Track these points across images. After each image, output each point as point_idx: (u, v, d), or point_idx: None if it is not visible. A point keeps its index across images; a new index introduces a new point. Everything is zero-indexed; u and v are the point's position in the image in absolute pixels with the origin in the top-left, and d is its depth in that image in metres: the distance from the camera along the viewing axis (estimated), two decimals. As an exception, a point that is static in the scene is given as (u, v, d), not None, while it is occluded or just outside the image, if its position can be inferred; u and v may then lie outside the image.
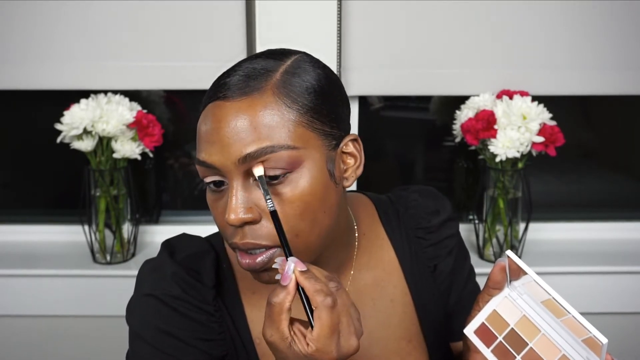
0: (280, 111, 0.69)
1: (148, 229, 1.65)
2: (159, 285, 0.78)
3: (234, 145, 0.68)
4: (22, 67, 1.50)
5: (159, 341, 0.77)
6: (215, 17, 1.48)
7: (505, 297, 0.70)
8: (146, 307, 0.78)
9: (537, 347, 0.66)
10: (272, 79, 0.70)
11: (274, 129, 0.68)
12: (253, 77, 0.70)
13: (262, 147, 0.67)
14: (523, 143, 1.42)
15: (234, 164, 0.68)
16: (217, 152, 0.68)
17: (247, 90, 0.69)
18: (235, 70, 0.72)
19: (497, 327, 0.69)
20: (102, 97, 1.46)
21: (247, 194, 0.69)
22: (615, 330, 1.58)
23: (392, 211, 0.90)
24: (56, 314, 1.53)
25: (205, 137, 0.70)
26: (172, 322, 0.77)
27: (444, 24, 1.51)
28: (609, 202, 1.79)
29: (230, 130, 0.68)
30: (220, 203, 0.71)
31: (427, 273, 0.88)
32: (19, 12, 1.48)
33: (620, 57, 1.53)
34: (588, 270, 1.53)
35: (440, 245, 0.90)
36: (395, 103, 1.69)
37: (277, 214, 0.67)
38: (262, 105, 0.68)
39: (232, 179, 0.69)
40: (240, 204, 0.68)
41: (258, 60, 0.72)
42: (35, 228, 1.67)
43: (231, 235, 0.70)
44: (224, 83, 0.71)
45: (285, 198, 0.69)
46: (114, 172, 1.49)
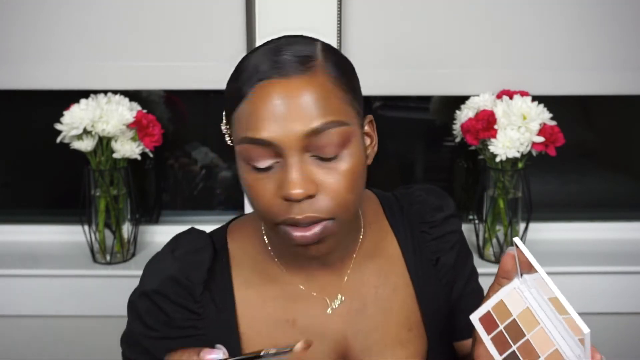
0: (334, 89, 0.72)
1: (148, 229, 1.65)
2: (152, 281, 0.83)
3: (300, 121, 0.70)
4: (22, 67, 1.50)
5: (142, 333, 0.83)
6: (215, 17, 1.48)
7: (514, 288, 0.71)
8: (138, 300, 0.84)
9: (533, 339, 0.68)
10: (319, 59, 0.73)
11: (332, 105, 0.71)
12: (302, 57, 0.72)
13: (326, 122, 0.70)
14: (523, 143, 1.42)
15: (297, 139, 0.70)
16: (280, 129, 0.70)
17: (303, 69, 0.71)
18: (279, 51, 0.73)
19: (500, 317, 0.71)
20: (102, 97, 1.46)
21: (305, 169, 0.71)
22: (615, 330, 1.58)
23: (396, 206, 0.92)
24: (56, 314, 1.53)
25: (264, 114, 0.70)
26: (153, 316, 0.82)
27: (444, 23, 1.51)
28: (609, 202, 1.78)
29: (296, 106, 0.70)
30: (267, 182, 0.72)
31: (429, 266, 0.90)
32: (19, 12, 1.48)
33: (620, 57, 1.53)
34: (588, 270, 1.53)
35: (442, 239, 0.91)
36: (395, 103, 1.70)
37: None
38: (319, 83, 0.71)
39: (291, 155, 0.70)
40: (302, 178, 0.70)
41: (290, 42, 0.75)
42: (35, 228, 1.67)
43: (285, 212, 0.72)
44: (275, 61, 0.72)
45: (339, 173, 0.72)
46: (114, 172, 1.49)
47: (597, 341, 1.72)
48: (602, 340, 1.62)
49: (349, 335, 0.85)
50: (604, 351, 1.73)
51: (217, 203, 1.76)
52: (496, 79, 1.53)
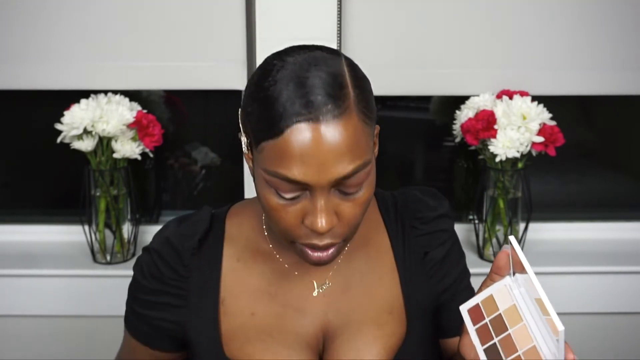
0: (362, 128, 0.74)
1: (148, 229, 1.65)
2: (155, 241, 0.92)
3: (333, 167, 0.72)
4: (22, 67, 1.50)
5: (138, 284, 0.92)
6: (215, 17, 1.48)
7: (504, 285, 0.75)
8: (143, 254, 0.93)
9: (514, 334, 0.72)
10: (350, 96, 0.73)
11: (362, 147, 0.74)
12: (334, 95, 0.72)
13: (356, 166, 0.73)
14: (523, 143, 1.42)
15: (328, 183, 0.73)
16: (314, 172, 0.72)
17: (336, 112, 0.72)
18: (312, 86, 0.72)
19: (488, 310, 0.75)
20: (102, 97, 1.46)
21: (330, 203, 0.75)
22: (615, 330, 1.58)
23: (391, 202, 0.96)
24: (56, 314, 1.53)
25: (299, 157, 0.71)
26: (150, 269, 0.90)
27: (444, 23, 1.51)
28: (609, 202, 1.78)
29: (329, 153, 0.71)
30: (290, 209, 0.76)
31: (417, 258, 0.93)
32: (19, 12, 1.48)
33: (620, 57, 1.53)
34: (588, 270, 1.53)
35: (433, 236, 0.94)
36: (395, 103, 1.70)
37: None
38: (352, 126, 0.73)
39: (320, 192, 0.74)
40: (329, 213, 0.75)
41: (318, 68, 0.74)
42: (35, 228, 1.66)
43: (306, 236, 0.77)
44: (310, 102, 0.71)
45: (358, 203, 0.77)
46: (114, 172, 1.49)
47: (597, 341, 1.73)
48: (602, 340, 1.63)
49: (329, 312, 0.89)
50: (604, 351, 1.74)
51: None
52: (496, 79, 1.53)
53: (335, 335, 0.88)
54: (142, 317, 0.92)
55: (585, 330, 1.56)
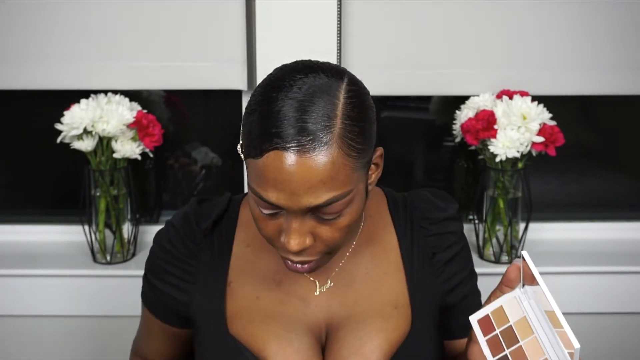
0: (345, 163, 0.74)
1: (148, 229, 1.65)
2: (176, 217, 0.96)
3: (306, 196, 0.74)
4: (22, 67, 1.50)
5: (154, 254, 0.96)
6: (215, 17, 1.48)
7: (514, 297, 0.76)
8: (161, 231, 0.97)
9: (526, 346, 0.72)
10: (336, 129, 0.73)
11: (339, 180, 0.74)
12: (317, 128, 0.72)
13: (330, 198, 0.74)
14: (523, 143, 1.42)
15: (301, 209, 0.75)
16: (286, 199, 0.74)
17: (317, 144, 0.72)
18: (300, 114, 0.72)
19: (498, 321, 0.75)
20: (102, 97, 1.46)
21: (305, 226, 0.77)
22: (615, 330, 1.58)
23: (401, 202, 0.97)
24: (56, 314, 1.53)
25: (273, 182, 0.74)
26: (166, 241, 0.94)
27: (444, 24, 1.51)
28: (609, 202, 1.78)
29: (303, 183, 0.73)
30: (270, 222, 0.79)
31: (425, 258, 0.94)
32: (19, 12, 1.48)
33: (620, 57, 1.53)
34: (588, 270, 1.53)
35: (441, 237, 0.95)
36: (395, 103, 1.70)
37: None
38: (330, 160, 0.73)
39: (294, 215, 0.76)
40: (301, 235, 0.77)
41: (314, 93, 0.74)
42: (35, 228, 1.67)
43: (282, 249, 0.80)
44: (294, 133, 0.72)
45: (337, 228, 0.78)
46: (114, 172, 1.49)
47: (597, 341, 1.73)
48: (603, 340, 1.63)
49: (333, 304, 0.90)
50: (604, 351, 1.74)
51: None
52: (496, 79, 1.53)
53: (339, 326, 0.89)
54: (152, 287, 0.95)
55: (586, 330, 1.56)
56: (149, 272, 0.97)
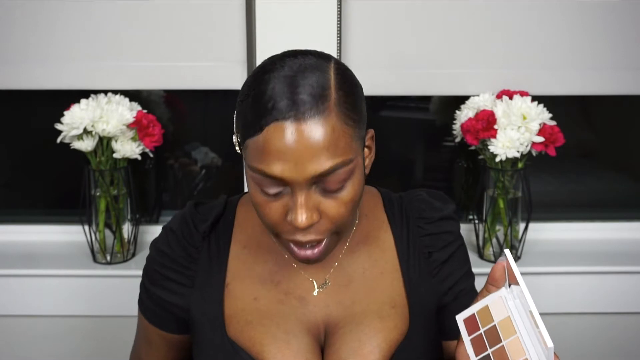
0: (343, 130, 0.76)
1: (148, 229, 1.65)
2: (173, 220, 0.96)
3: (310, 164, 0.74)
4: (22, 67, 1.51)
5: (152, 260, 0.95)
6: (215, 17, 1.48)
7: (500, 296, 0.76)
8: (159, 235, 0.97)
9: (508, 346, 0.73)
10: (332, 99, 0.76)
11: (341, 146, 0.76)
12: (316, 96, 0.75)
13: (334, 165, 0.75)
14: (523, 143, 1.42)
15: (306, 179, 0.75)
16: (291, 169, 0.75)
17: (315, 112, 0.74)
18: (297, 86, 0.75)
19: (483, 321, 0.76)
20: (102, 97, 1.46)
21: (311, 200, 0.77)
22: (615, 330, 1.58)
23: (397, 201, 0.97)
24: (56, 314, 1.53)
25: (277, 154, 0.74)
26: (165, 245, 0.94)
27: (444, 24, 1.51)
28: (609, 202, 1.78)
29: (306, 150, 0.74)
30: (273, 205, 0.78)
31: (421, 258, 0.94)
32: (19, 12, 1.48)
33: (620, 57, 1.53)
34: (588, 270, 1.53)
35: (437, 237, 0.95)
36: (395, 103, 1.69)
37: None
38: (330, 126, 0.75)
39: (299, 189, 0.76)
40: (308, 209, 0.77)
41: (304, 69, 0.77)
42: (35, 228, 1.67)
43: (290, 233, 0.79)
44: (293, 101, 0.74)
45: (341, 202, 0.78)
46: (114, 172, 1.49)
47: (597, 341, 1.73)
48: (602, 340, 1.63)
49: (330, 304, 0.90)
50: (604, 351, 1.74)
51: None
52: (496, 79, 1.53)
53: (338, 326, 0.89)
54: (151, 295, 0.95)
55: (586, 330, 1.56)
56: (147, 279, 0.96)
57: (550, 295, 1.53)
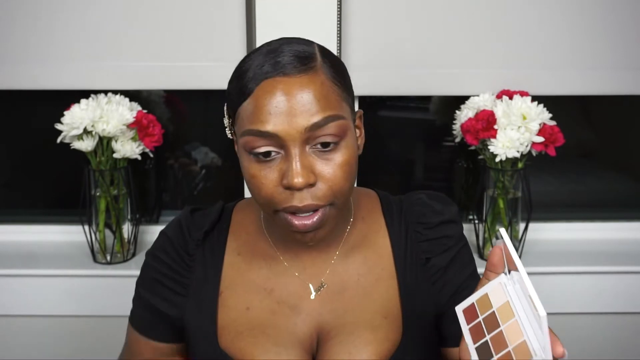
0: (331, 87, 0.79)
1: (148, 229, 1.65)
2: (169, 226, 0.96)
3: (301, 116, 0.76)
4: (22, 67, 1.50)
5: (148, 266, 0.95)
6: (215, 17, 1.48)
7: (499, 282, 0.74)
8: (156, 241, 0.96)
9: (506, 330, 0.71)
10: (317, 60, 0.80)
11: (330, 101, 0.79)
12: (303, 57, 0.79)
13: (325, 117, 0.77)
14: (523, 143, 1.42)
15: (299, 133, 0.76)
16: (284, 123, 0.76)
17: (304, 68, 0.78)
18: (281, 52, 0.79)
19: (482, 308, 0.74)
20: (102, 97, 1.46)
21: (306, 160, 0.78)
22: (615, 330, 1.58)
23: (396, 205, 0.96)
24: (56, 314, 1.53)
25: (269, 109, 0.76)
26: (161, 251, 0.94)
27: (444, 23, 1.51)
28: (609, 202, 1.78)
29: (297, 102, 0.76)
30: (269, 172, 0.79)
31: (418, 264, 0.92)
32: (19, 12, 1.48)
33: (620, 57, 1.53)
34: (588, 270, 1.53)
35: (436, 242, 0.93)
36: (395, 103, 1.70)
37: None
38: (319, 81, 0.78)
39: (293, 146, 0.77)
40: (304, 168, 0.77)
41: (289, 42, 0.81)
42: (35, 228, 1.67)
43: (286, 200, 0.78)
44: (278, 62, 0.78)
45: (336, 164, 0.79)
46: (114, 172, 1.49)
47: (597, 341, 1.73)
48: (602, 340, 1.63)
49: (323, 312, 0.89)
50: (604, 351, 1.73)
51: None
52: (496, 79, 1.53)
53: (329, 336, 0.88)
54: (145, 302, 0.94)
55: (585, 330, 1.56)
56: (142, 288, 0.95)
57: (550, 295, 1.53)
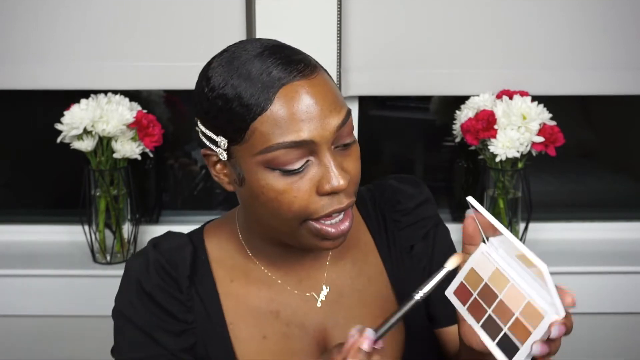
0: (334, 83, 0.77)
1: (148, 229, 1.65)
2: (142, 273, 0.84)
3: (332, 115, 0.73)
4: (23, 66, 1.50)
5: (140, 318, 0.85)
6: (215, 16, 1.48)
7: (481, 253, 0.70)
8: (130, 292, 0.86)
9: (505, 297, 0.67)
10: (310, 58, 0.77)
11: (341, 97, 0.77)
12: (303, 57, 0.76)
13: (347, 112, 0.75)
14: (523, 143, 1.42)
15: (332, 134, 0.73)
16: (318, 127, 0.72)
17: (313, 68, 0.75)
18: (280, 56, 0.74)
19: (473, 285, 0.70)
20: (102, 97, 1.46)
21: (337, 161, 0.74)
22: (615, 330, 1.58)
23: (368, 197, 0.93)
24: (56, 314, 1.53)
25: (299, 116, 0.71)
26: (148, 306, 0.83)
27: (444, 23, 1.51)
28: (609, 202, 1.78)
29: (325, 103, 0.73)
30: (300, 184, 0.73)
31: (404, 253, 0.91)
32: (20, 12, 1.48)
33: (620, 57, 1.53)
34: (588, 270, 1.53)
35: (415, 226, 0.91)
36: (395, 103, 1.70)
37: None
38: (327, 77, 0.76)
39: (325, 149, 0.73)
40: (340, 169, 0.74)
41: (272, 43, 0.78)
42: (35, 228, 1.67)
43: (324, 207, 0.74)
44: (285, 66, 0.73)
45: (355, 158, 0.77)
46: (114, 172, 1.49)
47: (597, 341, 1.72)
48: (602, 340, 1.62)
49: (328, 326, 0.87)
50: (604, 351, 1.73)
51: (217, 203, 1.76)
52: (496, 79, 1.52)
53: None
54: (154, 343, 0.85)
55: (586, 330, 1.56)
56: (146, 328, 0.85)
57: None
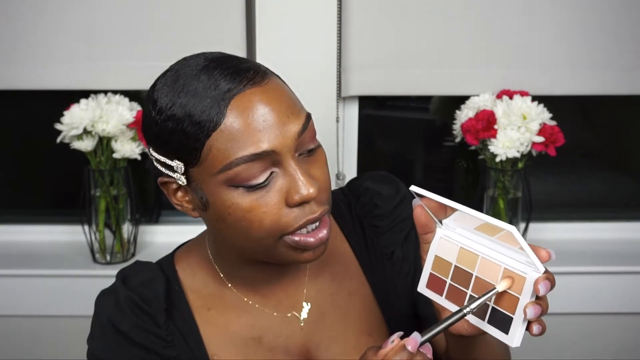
0: (290, 90, 0.73)
1: (148, 229, 1.65)
2: (114, 313, 0.79)
3: (291, 120, 0.68)
4: (23, 67, 1.50)
5: None
6: (215, 16, 1.48)
7: (440, 238, 0.68)
8: (104, 334, 0.80)
9: (480, 273, 0.65)
10: (260, 66, 0.72)
11: (299, 102, 0.72)
12: (251, 64, 0.71)
13: (307, 116, 0.71)
14: (523, 143, 1.42)
15: (293, 141, 0.68)
16: (278, 135, 0.67)
17: (263, 75, 0.70)
18: (225, 65, 0.69)
19: (443, 272, 0.68)
20: (102, 97, 1.46)
21: (303, 168, 0.70)
22: (615, 330, 1.58)
23: (344, 203, 0.89)
24: (56, 314, 1.53)
25: (256, 126, 0.66)
26: (126, 347, 0.78)
27: (444, 24, 1.51)
28: (609, 202, 1.78)
29: (281, 108, 0.68)
30: (267, 198, 0.69)
31: (384, 261, 0.86)
32: (20, 12, 1.48)
33: (620, 57, 1.53)
34: (588, 270, 1.53)
35: (395, 229, 0.87)
36: (395, 103, 1.70)
37: None
38: (280, 84, 0.71)
39: (288, 158, 0.69)
40: (307, 176, 0.69)
41: (227, 59, 0.72)
42: (35, 228, 1.67)
43: (296, 219, 0.70)
44: (233, 76, 0.68)
45: (321, 164, 0.73)
46: (114, 172, 1.49)
47: (597, 341, 1.73)
48: (602, 340, 1.63)
49: (311, 347, 0.83)
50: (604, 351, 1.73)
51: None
52: (496, 79, 1.52)
53: None
54: None
55: (585, 330, 1.56)
56: None
57: (550, 295, 1.52)
